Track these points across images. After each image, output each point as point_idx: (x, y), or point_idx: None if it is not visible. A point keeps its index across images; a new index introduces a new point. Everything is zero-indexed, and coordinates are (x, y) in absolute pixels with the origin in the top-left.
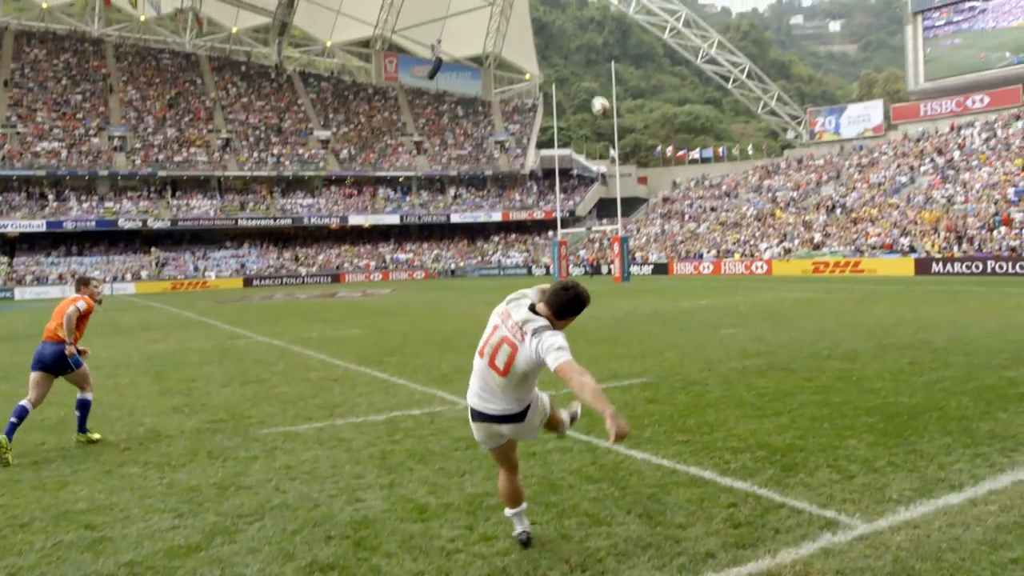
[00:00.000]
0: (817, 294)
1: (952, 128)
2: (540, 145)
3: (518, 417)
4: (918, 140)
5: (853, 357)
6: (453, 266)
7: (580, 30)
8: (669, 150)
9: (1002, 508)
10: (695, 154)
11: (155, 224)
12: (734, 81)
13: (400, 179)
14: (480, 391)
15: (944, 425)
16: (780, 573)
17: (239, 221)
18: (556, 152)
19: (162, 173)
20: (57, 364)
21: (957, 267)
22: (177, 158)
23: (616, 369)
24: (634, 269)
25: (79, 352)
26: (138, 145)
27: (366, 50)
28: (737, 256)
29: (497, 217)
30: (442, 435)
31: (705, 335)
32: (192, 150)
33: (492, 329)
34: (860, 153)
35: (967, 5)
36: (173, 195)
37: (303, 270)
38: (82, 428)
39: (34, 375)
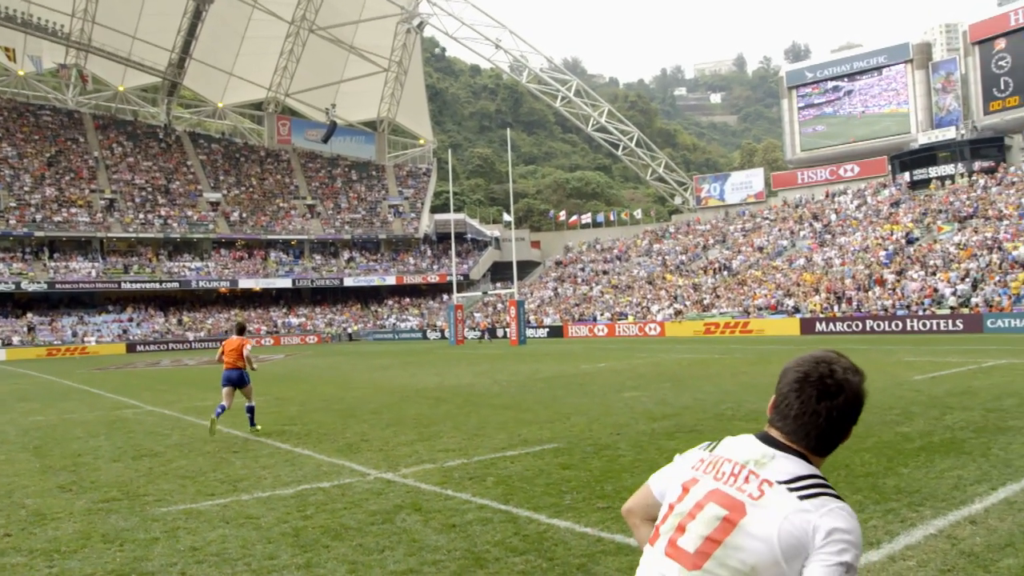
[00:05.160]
0: (712, 355)
1: (827, 195)
2: (434, 209)
3: None
4: (797, 206)
5: (757, 417)
6: (350, 330)
7: (473, 97)
8: (561, 215)
9: (919, 563)
10: (587, 218)
11: (30, 287)
12: (623, 148)
13: (292, 242)
14: None
15: (852, 482)
16: None
17: (122, 284)
18: (451, 216)
19: (39, 233)
20: (239, 381)
21: (839, 326)
22: (56, 218)
23: (526, 435)
24: (529, 332)
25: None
26: (13, 204)
27: (259, 112)
28: (631, 318)
29: (391, 281)
30: (356, 508)
31: (609, 398)
32: (73, 210)
33: (682, 490)
34: (744, 218)
35: (831, 84)
36: (51, 257)
37: (191, 335)
38: (252, 424)
39: (225, 389)
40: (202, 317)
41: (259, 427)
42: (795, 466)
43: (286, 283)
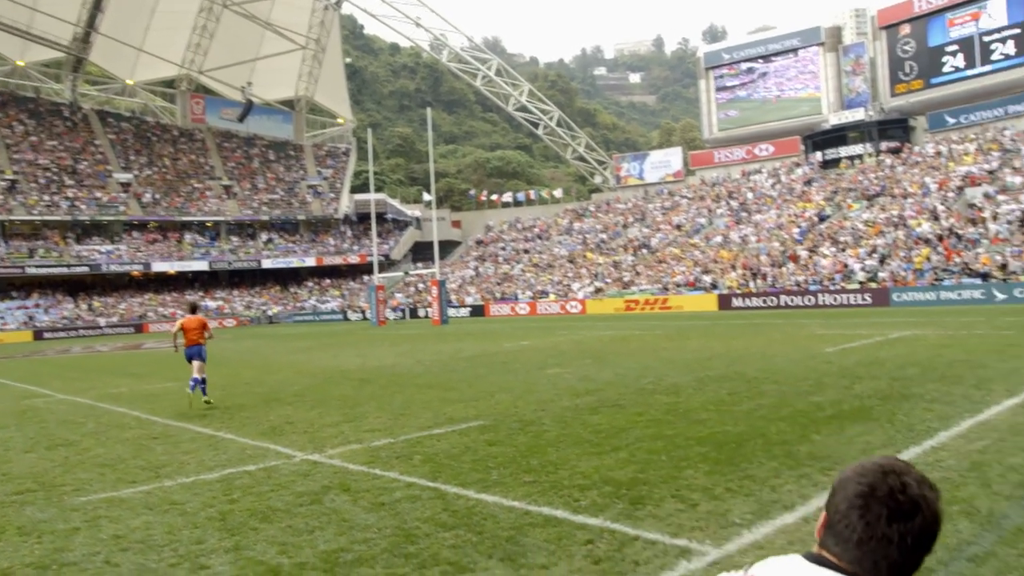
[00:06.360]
0: (632, 331)
1: (743, 174)
2: (354, 190)
3: None
4: (714, 185)
5: (677, 391)
6: (270, 313)
7: (393, 76)
8: (483, 194)
9: None
10: (507, 198)
11: None
12: (544, 128)
13: (208, 224)
14: None
15: (769, 450)
16: None
17: (27, 269)
18: (371, 196)
19: None
20: (199, 355)
21: (755, 301)
22: None
23: (451, 414)
24: (451, 312)
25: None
26: None
27: (171, 90)
28: (552, 296)
29: (311, 262)
30: (283, 491)
31: (532, 376)
32: None
33: None
34: (663, 197)
35: (746, 66)
36: None
37: (102, 321)
38: (204, 392)
39: (193, 363)
40: (114, 302)
41: (210, 400)
42: None
43: (202, 266)
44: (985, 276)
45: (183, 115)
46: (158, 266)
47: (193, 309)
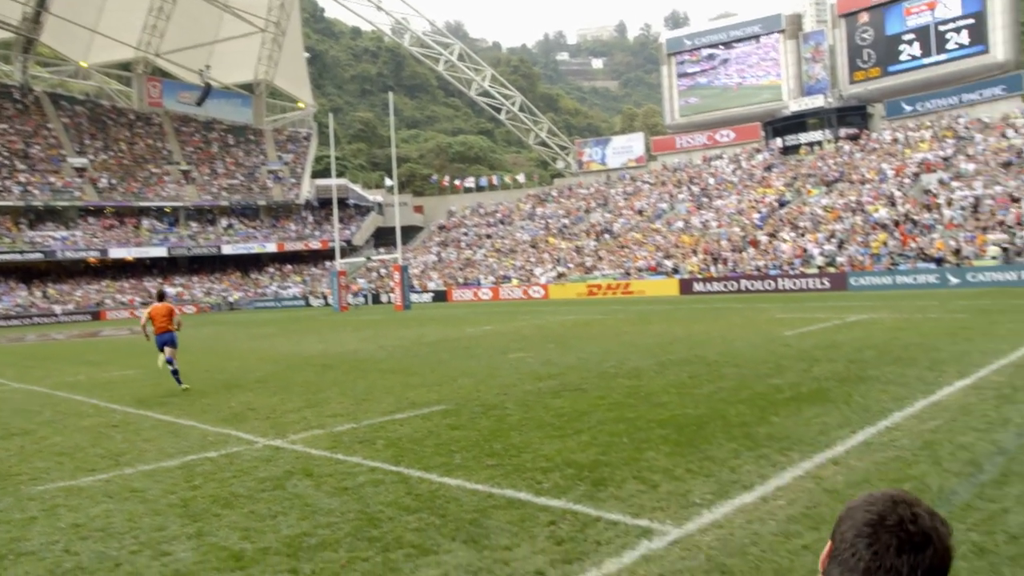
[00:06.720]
0: (595, 316)
1: (704, 160)
2: (315, 175)
3: None
4: (675, 170)
5: (638, 374)
6: (231, 299)
7: (354, 60)
8: (445, 179)
9: (789, 502)
10: (470, 183)
11: None
12: (506, 113)
13: (167, 209)
14: None
15: (728, 432)
16: None
17: None
18: (333, 182)
19: None
20: (171, 343)
21: (716, 286)
22: None
23: (414, 398)
24: (414, 297)
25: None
26: None
27: (127, 73)
28: (515, 281)
29: (272, 248)
30: (245, 476)
31: (495, 360)
32: None
33: None
34: (625, 182)
35: (707, 52)
36: None
37: (58, 308)
38: (179, 381)
39: (166, 350)
40: (70, 289)
41: (187, 386)
42: None
43: (161, 252)
44: (939, 261)
45: (140, 98)
46: (115, 252)
47: (161, 296)
